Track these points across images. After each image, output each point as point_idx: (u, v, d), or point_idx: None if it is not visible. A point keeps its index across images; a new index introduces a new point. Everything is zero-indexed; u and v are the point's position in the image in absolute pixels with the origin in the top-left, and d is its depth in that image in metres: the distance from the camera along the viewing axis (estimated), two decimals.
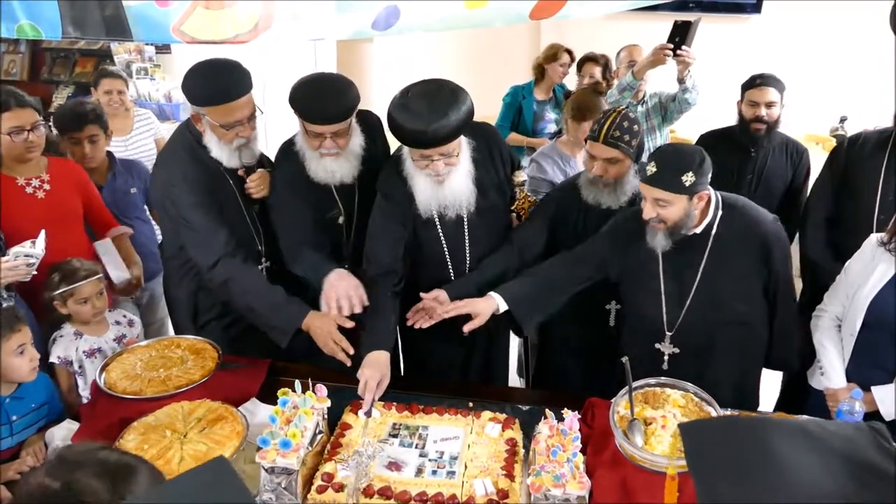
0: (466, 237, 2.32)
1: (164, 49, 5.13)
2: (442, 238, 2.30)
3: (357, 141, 2.27)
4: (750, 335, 2.11)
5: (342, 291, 2.12)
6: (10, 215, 2.33)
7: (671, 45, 3.15)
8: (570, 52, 4.22)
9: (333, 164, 2.23)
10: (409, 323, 2.21)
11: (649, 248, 2.04)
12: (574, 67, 4.28)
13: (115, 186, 2.94)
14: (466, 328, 2.11)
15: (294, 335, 2.14)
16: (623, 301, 2.30)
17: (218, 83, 2.10)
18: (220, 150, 2.19)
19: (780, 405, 2.91)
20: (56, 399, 2.10)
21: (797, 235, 2.96)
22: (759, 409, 2.20)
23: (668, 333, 2.14)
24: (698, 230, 2.02)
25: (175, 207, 2.19)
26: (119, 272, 2.65)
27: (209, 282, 2.22)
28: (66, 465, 1.12)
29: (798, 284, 2.96)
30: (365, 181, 2.33)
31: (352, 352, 2.07)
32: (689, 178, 1.88)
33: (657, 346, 2.15)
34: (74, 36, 1.67)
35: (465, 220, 2.27)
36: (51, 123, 2.49)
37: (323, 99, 2.14)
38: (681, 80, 3.29)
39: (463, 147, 2.15)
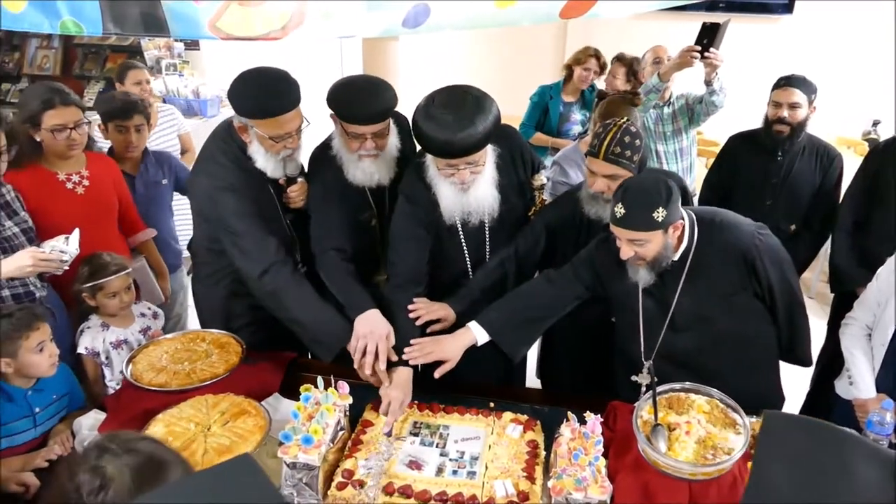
0: (487, 242, 2.31)
1: (192, 46, 5.21)
2: (464, 244, 2.29)
3: (394, 141, 2.25)
4: (751, 345, 2.04)
5: (370, 346, 2.02)
6: (50, 210, 2.37)
7: (699, 48, 3.09)
8: (598, 58, 4.18)
9: (372, 166, 2.20)
10: (404, 357, 2.09)
11: (630, 280, 1.98)
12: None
13: (146, 177, 2.99)
14: (437, 374, 2.05)
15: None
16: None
17: (269, 96, 2.05)
18: (266, 161, 2.16)
19: (810, 411, 2.86)
20: (77, 388, 2.13)
21: (828, 241, 2.91)
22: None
23: (647, 362, 2.07)
24: (675, 257, 1.95)
25: (220, 215, 2.15)
26: (152, 297, 2.74)
27: (256, 290, 2.16)
28: (100, 453, 1.15)
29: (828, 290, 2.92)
30: (396, 182, 2.31)
31: (387, 382, 2.01)
32: (660, 214, 1.81)
33: (633, 378, 2.09)
34: (114, 32, 1.70)
35: (487, 225, 2.26)
36: (87, 119, 2.52)
37: (363, 100, 2.11)
38: (708, 83, 3.23)
39: (488, 154, 2.13)
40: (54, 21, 1.72)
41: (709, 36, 3.08)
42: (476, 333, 2.09)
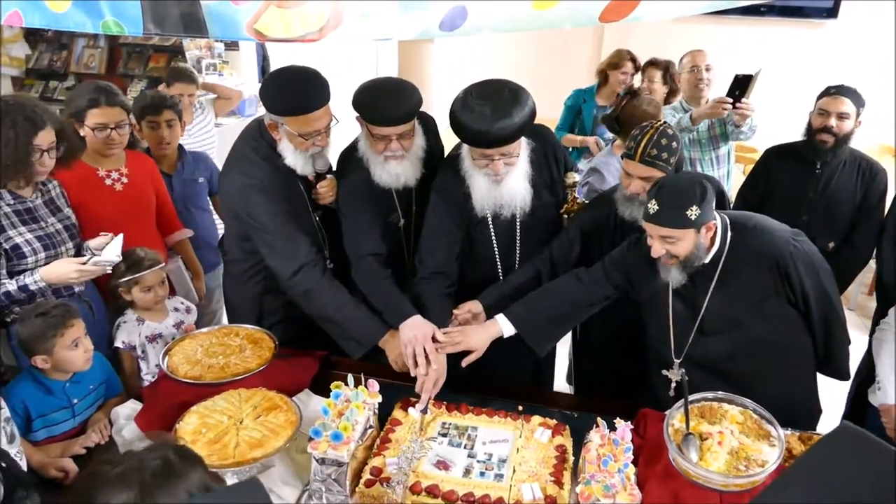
0: (518, 238, 2.32)
1: (232, 46, 5.30)
2: (493, 238, 2.31)
3: (419, 143, 2.28)
4: (786, 354, 2.00)
5: (418, 349, 2.07)
6: (90, 206, 2.42)
7: (730, 100, 3.12)
8: (633, 60, 4.14)
9: (398, 168, 2.23)
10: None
11: (661, 278, 1.97)
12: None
13: (183, 177, 3.05)
14: (464, 363, 2.09)
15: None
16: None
17: (299, 94, 2.10)
18: (296, 159, 2.19)
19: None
20: (114, 376, 2.18)
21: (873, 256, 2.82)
22: (821, 427, 2.12)
23: (677, 360, 2.07)
24: (707, 259, 1.94)
25: (252, 214, 2.19)
26: (188, 297, 2.80)
27: (288, 290, 2.21)
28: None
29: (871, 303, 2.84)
30: (422, 183, 2.34)
31: (422, 371, 2.05)
32: (693, 212, 1.80)
33: (664, 372, 2.09)
34: (154, 32, 1.73)
35: (518, 220, 2.27)
36: (131, 120, 2.58)
37: (388, 101, 2.15)
38: (737, 126, 3.25)
39: (522, 147, 2.16)
40: (96, 21, 1.76)
41: (741, 87, 3.12)
42: (503, 326, 2.12)
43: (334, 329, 2.20)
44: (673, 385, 2.08)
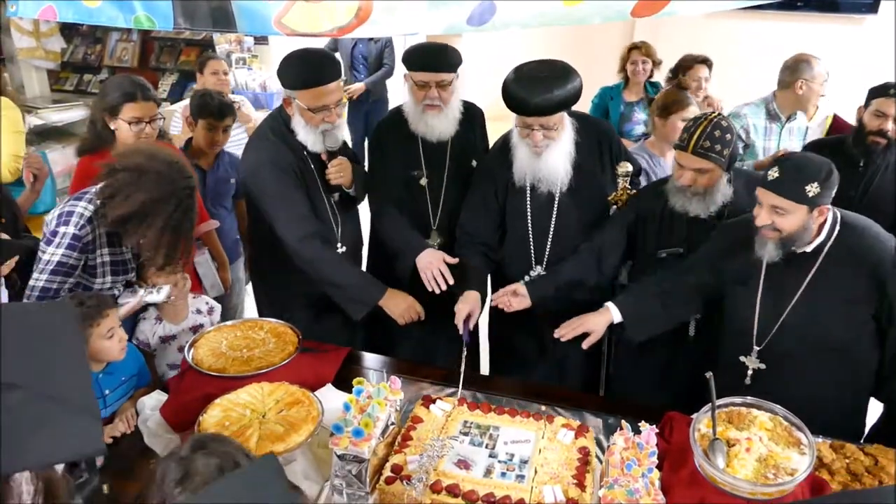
0: (554, 217, 2.39)
1: (262, 40, 5.35)
2: (528, 212, 2.39)
3: (457, 102, 2.48)
4: (852, 363, 1.96)
5: (435, 272, 2.34)
6: None
7: None
8: (640, 48, 4.08)
9: (434, 120, 2.44)
10: (492, 303, 2.37)
11: (754, 258, 1.94)
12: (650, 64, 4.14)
13: (218, 174, 3.09)
14: (585, 344, 2.20)
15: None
16: (719, 309, 2.21)
17: (310, 69, 2.28)
18: (307, 134, 2.33)
19: (879, 435, 2.70)
20: (145, 368, 2.21)
21: None
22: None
23: (757, 348, 2.04)
24: (809, 248, 1.89)
25: (260, 185, 2.35)
26: (214, 288, 2.85)
27: (294, 257, 2.35)
28: (193, 449, 1.24)
29: None
30: (457, 161, 2.54)
31: (423, 317, 2.34)
32: (812, 189, 1.78)
33: (742, 358, 2.07)
34: (184, 27, 1.76)
35: (556, 199, 2.36)
36: (161, 115, 2.62)
37: (429, 52, 2.44)
38: None
39: (566, 126, 2.26)
40: (128, 16, 1.80)
41: None
42: (613, 313, 2.23)
43: (337, 293, 2.37)
44: (749, 372, 2.06)
